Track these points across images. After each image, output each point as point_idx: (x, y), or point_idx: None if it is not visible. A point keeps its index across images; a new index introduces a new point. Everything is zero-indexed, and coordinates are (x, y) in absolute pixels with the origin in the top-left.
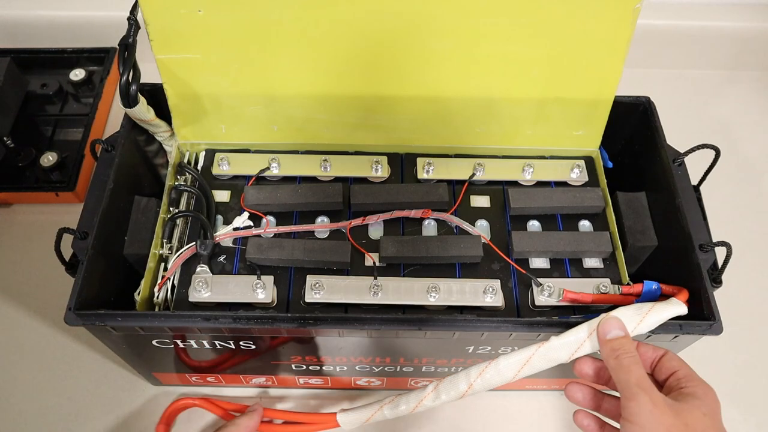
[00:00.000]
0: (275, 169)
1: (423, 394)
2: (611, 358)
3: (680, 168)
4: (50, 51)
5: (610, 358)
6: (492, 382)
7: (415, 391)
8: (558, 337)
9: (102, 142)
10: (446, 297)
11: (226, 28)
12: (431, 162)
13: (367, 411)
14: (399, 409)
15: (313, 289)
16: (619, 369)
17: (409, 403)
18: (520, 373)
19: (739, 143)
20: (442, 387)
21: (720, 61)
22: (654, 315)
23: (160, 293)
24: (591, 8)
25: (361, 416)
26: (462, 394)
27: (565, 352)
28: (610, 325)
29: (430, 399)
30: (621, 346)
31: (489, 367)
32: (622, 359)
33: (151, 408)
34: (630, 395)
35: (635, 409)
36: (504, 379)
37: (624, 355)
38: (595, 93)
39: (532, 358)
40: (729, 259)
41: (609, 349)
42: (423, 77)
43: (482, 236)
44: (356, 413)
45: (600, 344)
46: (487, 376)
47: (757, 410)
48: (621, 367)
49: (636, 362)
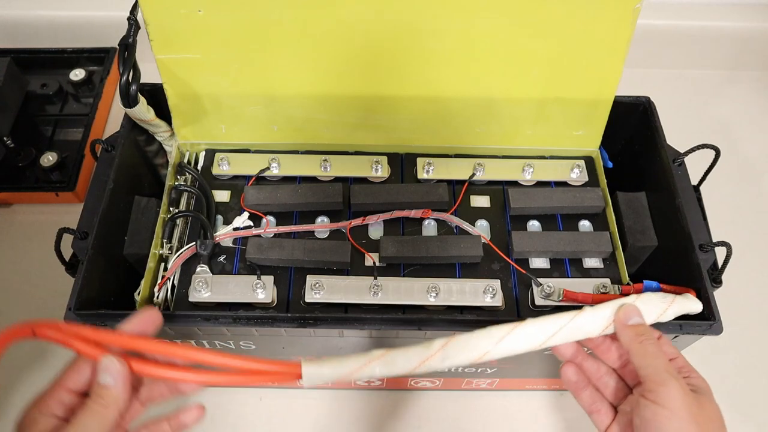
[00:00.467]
0: (275, 169)
1: (428, 353)
2: (635, 343)
3: (680, 168)
4: (50, 51)
5: (633, 342)
6: (513, 349)
7: (416, 347)
8: (590, 311)
9: (102, 142)
10: (446, 297)
11: (226, 28)
12: (431, 162)
13: (349, 364)
14: (395, 367)
15: (313, 289)
16: (645, 354)
17: (409, 361)
18: (547, 343)
19: (739, 143)
20: (452, 347)
21: (720, 61)
22: (677, 306)
23: (160, 293)
24: (591, 8)
25: (337, 371)
26: (476, 359)
27: (596, 327)
28: (631, 312)
29: (437, 360)
30: (645, 331)
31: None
32: (646, 345)
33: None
34: (660, 380)
35: (666, 394)
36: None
37: (648, 340)
38: (595, 93)
39: (562, 331)
40: (729, 259)
41: (633, 334)
42: (423, 77)
43: (482, 236)
44: (330, 366)
45: (619, 329)
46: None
47: (757, 410)
48: (647, 352)
49: (660, 348)
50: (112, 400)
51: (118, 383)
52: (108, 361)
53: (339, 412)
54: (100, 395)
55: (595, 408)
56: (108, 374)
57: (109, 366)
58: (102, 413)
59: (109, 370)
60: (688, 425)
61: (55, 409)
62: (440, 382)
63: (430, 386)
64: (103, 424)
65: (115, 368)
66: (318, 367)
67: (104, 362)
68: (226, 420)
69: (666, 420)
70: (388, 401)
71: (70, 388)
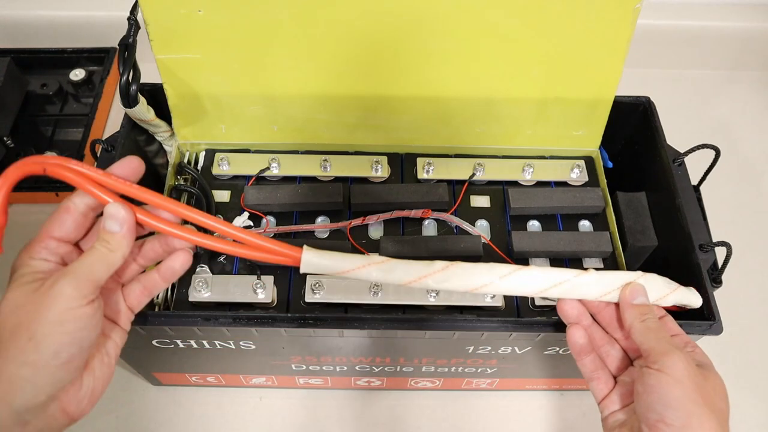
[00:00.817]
0: (275, 169)
1: (429, 270)
2: (637, 321)
3: (680, 168)
4: (50, 51)
5: (635, 320)
6: (513, 289)
7: (418, 263)
8: (596, 274)
9: (102, 142)
10: (446, 297)
11: (226, 28)
12: (431, 162)
13: (348, 262)
14: (392, 275)
15: (313, 289)
16: (647, 330)
17: (408, 273)
18: (546, 292)
19: (739, 143)
20: (453, 271)
21: (720, 61)
22: (679, 294)
23: (160, 293)
24: (591, 8)
25: (336, 264)
26: (475, 288)
27: (597, 290)
28: (637, 291)
29: (436, 279)
30: (649, 311)
31: (516, 274)
32: (648, 322)
33: (151, 408)
34: (664, 351)
35: (671, 362)
36: (526, 291)
37: (651, 319)
38: (595, 93)
39: (564, 284)
40: (729, 259)
41: (636, 313)
42: (423, 77)
43: (482, 236)
44: (331, 258)
45: (624, 306)
46: (511, 280)
47: (757, 410)
48: (649, 328)
49: (662, 326)
50: (117, 245)
51: (124, 229)
52: (115, 208)
53: (339, 412)
54: (107, 240)
55: (595, 375)
56: (115, 221)
57: (116, 213)
58: (108, 256)
59: (116, 216)
60: (692, 393)
61: (45, 255)
62: (440, 382)
63: (430, 386)
64: (108, 266)
65: (121, 215)
66: (319, 256)
67: (112, 209)
68: (226, 420)
69: (669, 387)
70: (388, 401)
71: (56, 236)
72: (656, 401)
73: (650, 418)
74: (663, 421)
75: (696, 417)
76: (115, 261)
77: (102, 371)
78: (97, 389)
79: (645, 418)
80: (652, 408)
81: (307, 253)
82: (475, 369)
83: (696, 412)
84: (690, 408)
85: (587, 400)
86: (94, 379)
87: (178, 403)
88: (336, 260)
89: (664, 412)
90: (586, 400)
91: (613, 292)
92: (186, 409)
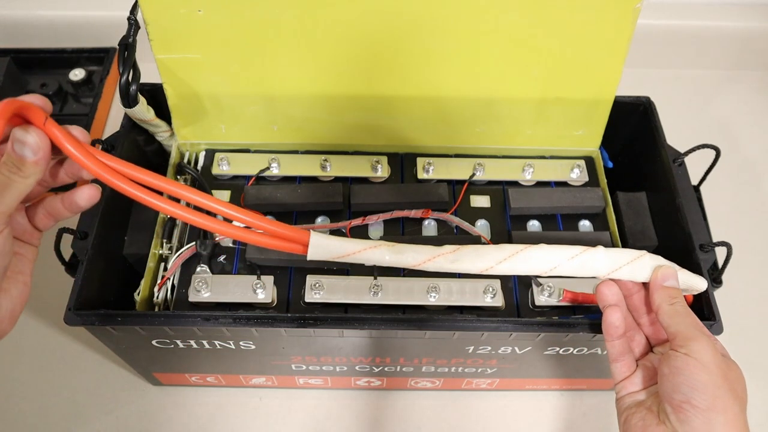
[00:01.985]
0: (275, 169)
1: (439, 251)
2: (666, 303)
3: (680, 168)
4: (50, 51)
5: (664, 302)
6: (524, 267)
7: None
8: (605, 249)
9: (102, 142)
10: (446, 297)
11: (226, 28)
12: (431, 162)
13: (356, 243)
14: (403, 257)
15: (313, 289)
16: (676, 314)
17: (418, 254)
18: (557, 269)
19: (739, 143)
20: (464, 253)
21: (720, 61)
22: (684, 275)
23: (160, 293)
24: (591, 8)
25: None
26: (486, 268)
27: (607, 265)
28: (668, 274)
29: (448, 259)
30: (678, 294)
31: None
32: (677, 306)
33: (151, 408)
34: (692, 335)
35: (698, 347)
36: (537, 269)
37: (679, 302)
38: (595, 93)
39: (575, 259)
40: (729, 259)
41: (666, 295)
42: (423, 77)
43: (482, 236)
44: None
45: (654, 288)
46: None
47: (757, 410)
48: (677, 312)
49: (690, 312)
50: (30, 172)
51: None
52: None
53: (339, 412)
54: (18, 166)
55: (621, 358)
56: (29, 147)
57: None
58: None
59: (29, 143)
60: (718, 378)
61: None
62: (440, 382)
63: (430, 386)
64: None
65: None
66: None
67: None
68: (226, 420)
69: (696, 370)
70: (388, 401)
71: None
72: (683, 383)
73: (675, 398)
74: (689, 402)
75: (721, 400)
76: (25, 189)
77: (18, 290)
78: (17, 309)
79: (670, 398)
80: (678, 389)
81: (315, 236)
82: (475, 369)
83: (721, 395)
84: (715, 392)
85: (587, 400)
86: (11, 300)
87: (178, 403)
88: (344, 242)
89: (690, 393)
90: (586, 400)
91: (624, 267)
92: (186, 409)
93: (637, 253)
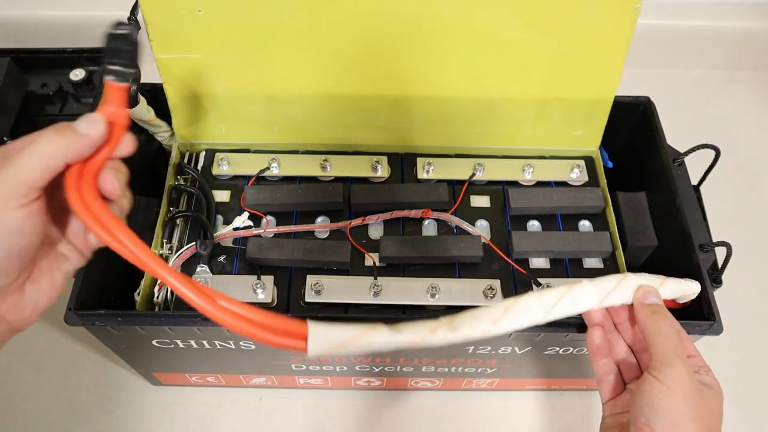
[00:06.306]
0: (275, 169)
1: (437, 324)
2: (649, 320)
3: (680, 168)
4: (50, 51)
5: (648, 319)
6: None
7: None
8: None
9: None
10: (446, 297)
11: (226, 28)
12: (431, 162)
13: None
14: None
15: (313, 289)
16: (658, 333)
17: (418, 330)
18: (548, 316)
19: (739, 143)
20: (460, 321)
21: (720, 61)
22: (670, 285)
23: (160, 293)
24: (591, 8)
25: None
26: (485, 333)
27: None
28: (650, 293)
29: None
30: (661, 310)
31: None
32: (660, 323)
33: (151, 408)
34: (668, 361)
35: (672, 374)
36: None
37: (662, 319)
38: (595, 93)
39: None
40: (729, 259)
41: (649, 312)
42: (423, 77)
43: (482, 236)
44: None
45: (638, 307)
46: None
47: (757, 410)
48: (660, 332)
49: (674, 330)
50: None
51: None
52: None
53: (339, 412)
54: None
55: (606, 378)
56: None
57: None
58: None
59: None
60: (682, 405)
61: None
62: (440, 382)
63: (430, 386)
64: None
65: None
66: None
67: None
68: (226, 420)
69: (662, 395)
70: (388, 401)
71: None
72: (645, 405)
73: (639, 420)
74: (649, 425)
75: (681, 428)
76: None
77: (49, 286)
78: (41, 302)
79: (634, 419)
80: (641, 411)
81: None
82: (475, 369)
83: (682, 423)
84: (676, 418)
85: (587, 400)
86: (38, 292)
87: (178, 403)
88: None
89: (650, 416)
90: (586, 401)
91: (612, 293)
92: (186, 409)
93: (620, 277)
